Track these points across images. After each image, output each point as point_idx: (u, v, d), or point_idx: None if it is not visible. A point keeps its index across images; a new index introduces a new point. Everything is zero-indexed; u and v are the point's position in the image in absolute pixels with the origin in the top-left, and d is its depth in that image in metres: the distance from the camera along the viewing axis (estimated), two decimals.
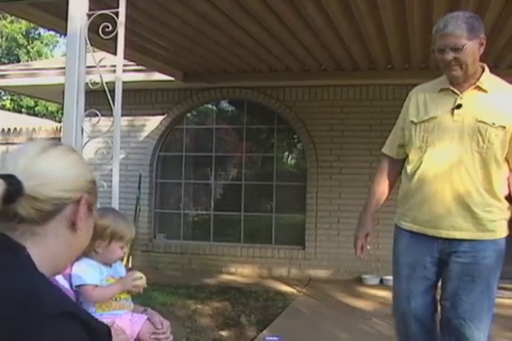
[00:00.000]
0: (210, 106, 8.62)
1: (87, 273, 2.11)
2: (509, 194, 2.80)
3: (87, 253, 2.21)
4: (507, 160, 2.73)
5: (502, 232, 2.75)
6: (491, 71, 2.83)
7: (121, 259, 2.37)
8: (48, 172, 1.16)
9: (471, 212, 2.69)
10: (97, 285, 2.11)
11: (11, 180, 1.09)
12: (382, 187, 3.07)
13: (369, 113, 7.43)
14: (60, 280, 2.02)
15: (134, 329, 2.14)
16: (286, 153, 8.68)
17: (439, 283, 2.89)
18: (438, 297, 2.92)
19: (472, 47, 2.62)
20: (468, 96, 2.72)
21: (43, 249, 1.17)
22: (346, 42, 5.52)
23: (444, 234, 2.72)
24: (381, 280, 7.17)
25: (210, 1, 4.38)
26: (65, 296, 1.15)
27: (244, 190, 8.14)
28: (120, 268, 2.32)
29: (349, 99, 7.61)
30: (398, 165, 3.01)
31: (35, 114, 20.86)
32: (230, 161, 8.59)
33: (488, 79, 2.75)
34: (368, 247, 3.04)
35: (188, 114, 8.53)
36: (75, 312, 1.07)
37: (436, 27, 2.71)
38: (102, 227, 2.14)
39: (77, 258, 2.18)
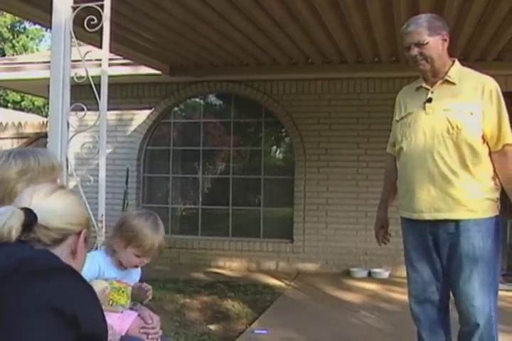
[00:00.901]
0: (197, 100, 8.59)
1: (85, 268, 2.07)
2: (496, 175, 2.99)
3: (108, 246, 2.18)
4: (483, 141, 2.94)
5: (486, 212, 2.93)
6: (477, 63, 2.95)
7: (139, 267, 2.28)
8: (56, 208, 1.50)
9: (449, 193, 2.91)
10: None
11: (29, 213, 1.43)
12: (391, 183, 3.34)
13: (356, 106, 7.44)
14: None
15: (123, 327, 2.13)
16: (274, 147, 8.67)
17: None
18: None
19: (435, 43, 2.92)
20: (438, 90, 3.00)
21: None
22: (333, 36, 5.52)
23: (428, 216, 2.96)
24: (369, 273, 7.20)
25: None
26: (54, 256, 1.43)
27: (232, 183, 8.14)
28: (135, 276, 2.27)
29: (336, 92, 7.61)
30: None
31: (21, 109, 20.70)
32: (218, 155, 8.57)
33: (458, 71, 3.02)
34: (389, 236, 3.38)
35: (176, 108, 8.50)
36: (62, 268, 1.39)
37: (402, 28, 3.04)
38: (128, 227, 2.11)
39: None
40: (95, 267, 2.12)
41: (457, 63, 3.05)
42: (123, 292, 2.18)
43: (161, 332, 2.22)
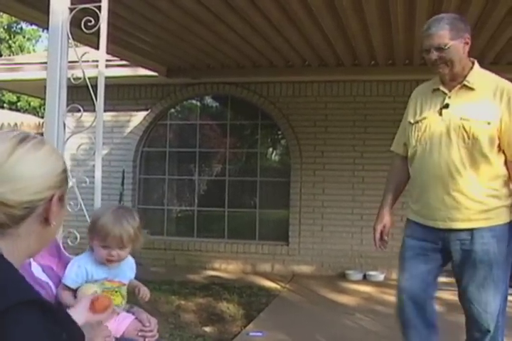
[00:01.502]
0: (193, 101, 8.59)
1: (70, 273, 2.03)
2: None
3: (89, 245, 2.15)
4: (503, 151, 2.88)
5: (500, 218, 2.90)
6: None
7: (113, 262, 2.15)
8: (17, 176, 1.13)
9: (462, 204, 2.86)
10: (71, 288, 2.01)
11: None
12: (395, 182, 3.27)
13: (353, 109, 7.45)
14: (39, 273, 1.98)
15: (119, 329, 2.11)
16: (270, 149, 8.68)
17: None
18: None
19: (456, 47, 2.81)
20: (456, 96, 2.90)
21: (13, 246, 1.17)
22: (330, 38, 5.53)
23: (442, 225, 2.91)
24: (364, 276, 7.21)
25: None
26: (26, 285, 1.12)
27: (228, 185, 8.14)
28: (130, 273, 2.21)
29: (333, 95, 7.62)
30: (407, 162, 3.19)
31: (17, 110, 20.66)
32: (214, 157, 8.57)
33: (476, 75, 2.92)
34: (386, 238, 3.23)
35: (172, 110, 8.50)
36: (35, 300, 1.06)
37: (422, 29, 2.90)
38: (92, 219, 2.08)
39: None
40: (82, 271, 2.06)
41: (476, 65, 2.97)
42: (116, 292, 2.14)
43: (157, 334, 2.21)
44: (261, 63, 6.86)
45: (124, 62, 6.94)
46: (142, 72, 7.28)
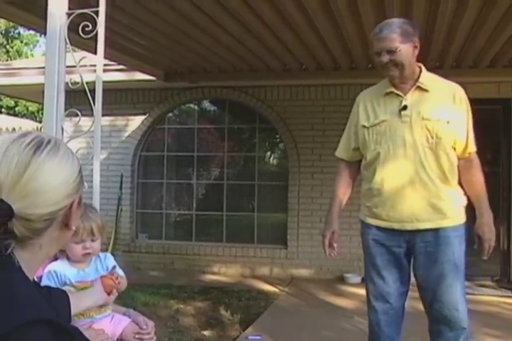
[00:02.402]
0: (191, 105, 8.60)
1: (43, 279, 2.03)
2: (459, 180, 3.05)
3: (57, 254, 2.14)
4: (454, 148, 2.97)
5: (461, 218, 2.99)
6: (470, 70, 2.97)
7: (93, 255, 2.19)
8: (36, 190, 1.08)
9: (430, 202, 2.91)
10: None
11: (1, 205, 1.04)
12: (343, 188, 3.31)
13: (350, 112, 7.44)
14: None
15: (116, 332, 2.11)
16: (268, 153, 8.69)
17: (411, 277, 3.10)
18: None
19: (406, 50, 2.89)
20: (412, 97, 2.97)
21: (33, 255, 1.15)
22: (327, 42, 5.54)
23: (409, 226, 2.94)
24: (363, 279, 7.19)
25: None
26: (40, 303, 1.10)
27: (226, 189, 8.14)
28: (100, 267, 2.22)
29: (330, 98, 7.63)
30: (354, 167, 3.26)
31: (15, 114, 20.66)
32: (212, 161, 8.58)
33: (427, 78, 3.01)
34: (335, 245, 3.22)
35: (170, 114, 8.51)
36: (46, 319, 1.02)
37: (373, 32, 2.98)
38: None
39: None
40: (52, 274, 2.05)
41: (424, 69, 3.04)
42: None
43: (155, 337, 2.21)
44: (258, 67, 6.88)
45: (121, 67, 6.95)
46: (140, 76, 7.29)
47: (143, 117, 8.22)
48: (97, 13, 3.20)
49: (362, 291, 6.55)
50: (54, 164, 1.12)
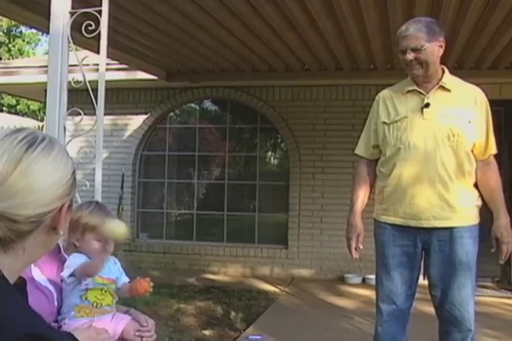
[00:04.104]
0: (193, 105, 8.60)
1: (73, 261, 2.06)
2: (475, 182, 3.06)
3: (67, 250, 2.17)
4: (472, 151, 2.98)
5: (475, 219, 3.00)
6: (472, 71, 2.98)
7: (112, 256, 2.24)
8: (25, 189, 1.02)
9: (447, 201, 2.91)
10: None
11: None
12: (364, 188, 3.24)
13: (352, 113, 7.46)
14: (39, 276, 1.99)
15: (117, 330, 2.12)
16: (270, 153, 8.69)
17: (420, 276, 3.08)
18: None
19: (431, 49, 2.89)
20: (434, 96, 2.97)
21: (16, 259, 1.07)
22: (329, 43, 5.54)
23: (426, 223, 2.93)
24: (363, 279, 7.20)
25: (194, 0, 4.38)
26: (31, 316, 1.04)
27: (227, 189, 8.14)
28: (113, 268, 2.25)
29: (332, 99, 7.63)
30: (373, 166, 3.21)
31: (16, 113, 20.66)
32: (213, 161, 8.58)
33: (450, 79, 3.02)
34: (361, 247, 3.15)
35: (171, 113, 8.51)
36: (37, 334, 0.97)
37: (399, 30, 2.97)
38: (75, 219, 2.09)
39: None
40: (82, 256, 2.10)
41: (447, 71, 3.06)
42: (106, 291, 2.15)
43: (155, 335, 2.22)
44: (260, 67, 6.88)
45: (123, 66, 6.95)
46: (141, 75, 7.29)
47: (144, 116, 8.22)
48: (100, 12, 3.21)
49: (362, 291, 6.60)
50: (47, 163, 1.06)
